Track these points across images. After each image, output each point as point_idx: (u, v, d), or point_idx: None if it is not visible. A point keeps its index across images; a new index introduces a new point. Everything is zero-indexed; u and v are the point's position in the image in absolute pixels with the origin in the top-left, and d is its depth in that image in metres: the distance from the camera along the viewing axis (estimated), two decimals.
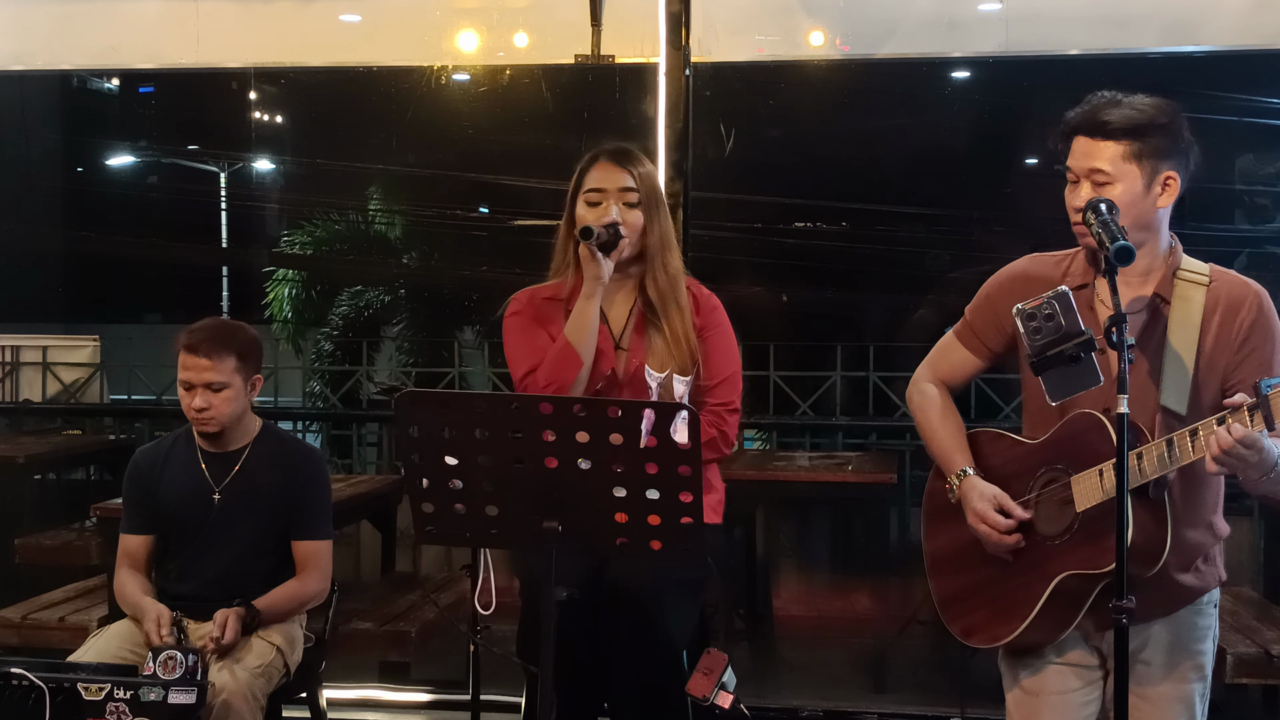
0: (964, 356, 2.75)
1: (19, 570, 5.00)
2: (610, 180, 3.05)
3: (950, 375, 2.78)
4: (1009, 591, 2.55)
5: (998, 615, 2.58)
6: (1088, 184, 2.50)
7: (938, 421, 2.73)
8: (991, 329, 2.70)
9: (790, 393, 6.04)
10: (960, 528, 2.64)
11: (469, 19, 5.04)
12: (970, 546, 2.63)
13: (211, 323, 3.35)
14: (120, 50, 5.30)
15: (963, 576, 2.66)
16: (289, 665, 3.25)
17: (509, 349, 3.10)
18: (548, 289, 3.13)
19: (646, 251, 3.06)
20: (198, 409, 3.26)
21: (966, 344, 2.75)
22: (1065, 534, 2.48)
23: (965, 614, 2.66)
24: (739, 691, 2.75)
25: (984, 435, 2.72)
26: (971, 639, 2.65)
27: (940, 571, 2.73)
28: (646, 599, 2.86)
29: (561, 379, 2.93)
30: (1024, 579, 2.53)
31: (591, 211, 3.04)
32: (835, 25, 4.88)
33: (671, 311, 3.05)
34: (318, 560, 3.34)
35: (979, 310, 2.73)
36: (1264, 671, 3.85)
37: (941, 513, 2.71)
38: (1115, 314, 2.27)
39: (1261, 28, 4.56)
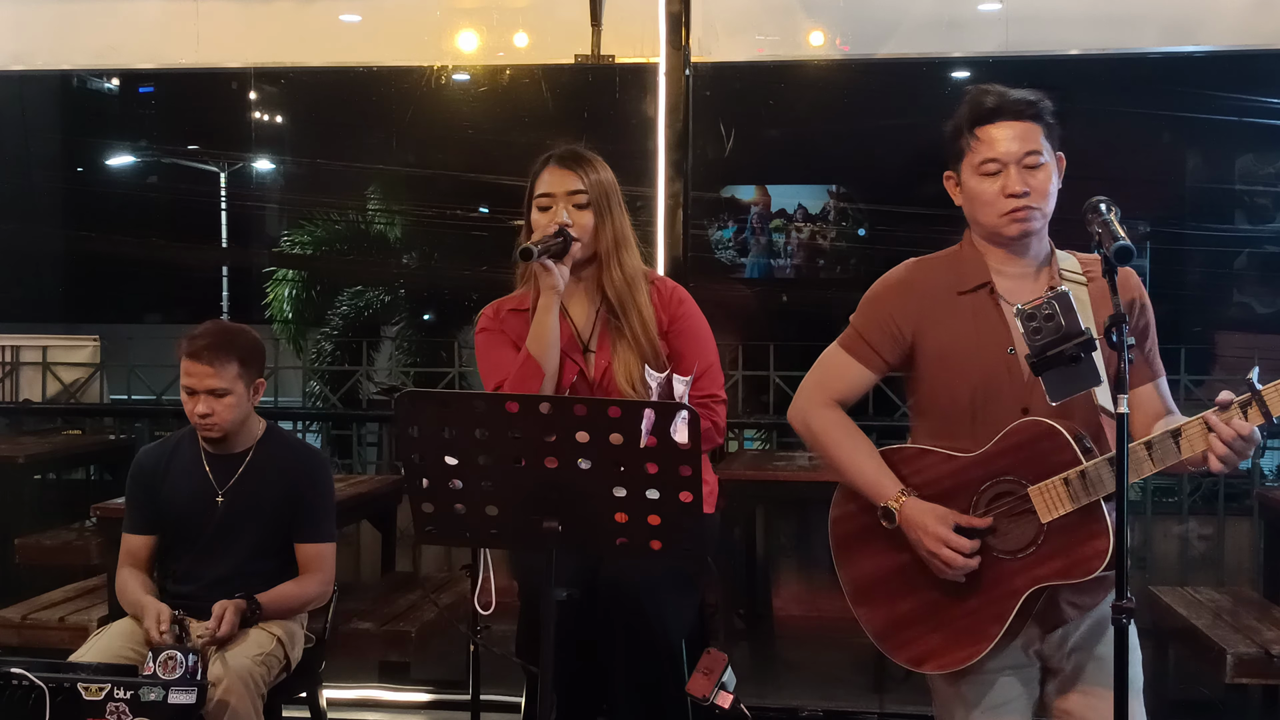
0: (859, 372, 2.65)
1: (19, 570, 5.00)
2: (558, 184, 3.05)
3: (845, 393, 2.67)
4: (967, 613, 2.48)
5: (956, 639, 2.50)
6: (1015, 169, 2.48)
7: (849, 446, 2.61)
8: (887, 340, 2.61)
9: (790, 393, 6.02)
10: (889, 551, 2.56)
11: (469, 19, 5.05)
12: (902, 571, 2.55)
13: (213, 327, 3.34)
14: (120, 50, 5.31)
15: (900, 603, 2.56)
16: (289, 658, 3.25)
17: (479, 365, 3.11)
18: (512, 300, 3.14)
19: (600, 252, 3.05)
20: (201, 415, 3.26)
21: (860, 358, 2.64)
22: (1029, 547, 2.43)
23: (911, 641, 2.55)
24: (739, 691, 2.74)
25: (902, 453, 2.59)
26: (925, 666, 2.55)
27: (870, 600, 2.60)
28: (639, 594, 2.86)
29: (526, 391, 2.92)
30: (983, 598, 2.47)
31: (544, 216, 3.04)
32: (835, 25, 4.88)
33: (630, 311, 3.03)
34: (320, 562, 3.34)
35: (871, 322, 2.63)
36: (1264, 671, 3.85)
37: (860, 537, 2.62)
38: (1115, 314, 2.25)
39: (1261, 28, 4.57)
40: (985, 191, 2.51)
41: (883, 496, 2.54)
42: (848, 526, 2.65)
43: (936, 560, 2.47)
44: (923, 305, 2.59)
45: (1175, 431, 2.36)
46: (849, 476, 2.62)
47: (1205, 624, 4.14)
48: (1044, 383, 2.36)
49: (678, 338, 3.08)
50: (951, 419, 2.54)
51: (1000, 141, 2.49)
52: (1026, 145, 2.48)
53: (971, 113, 2.53)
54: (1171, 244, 9.71)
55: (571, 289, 3.07)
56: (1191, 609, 4.32)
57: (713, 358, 3.12)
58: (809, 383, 2.70)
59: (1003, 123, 2.49)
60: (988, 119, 2.50)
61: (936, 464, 2.53)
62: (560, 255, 2.95)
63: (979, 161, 2.51)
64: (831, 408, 2.66)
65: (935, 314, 2.58)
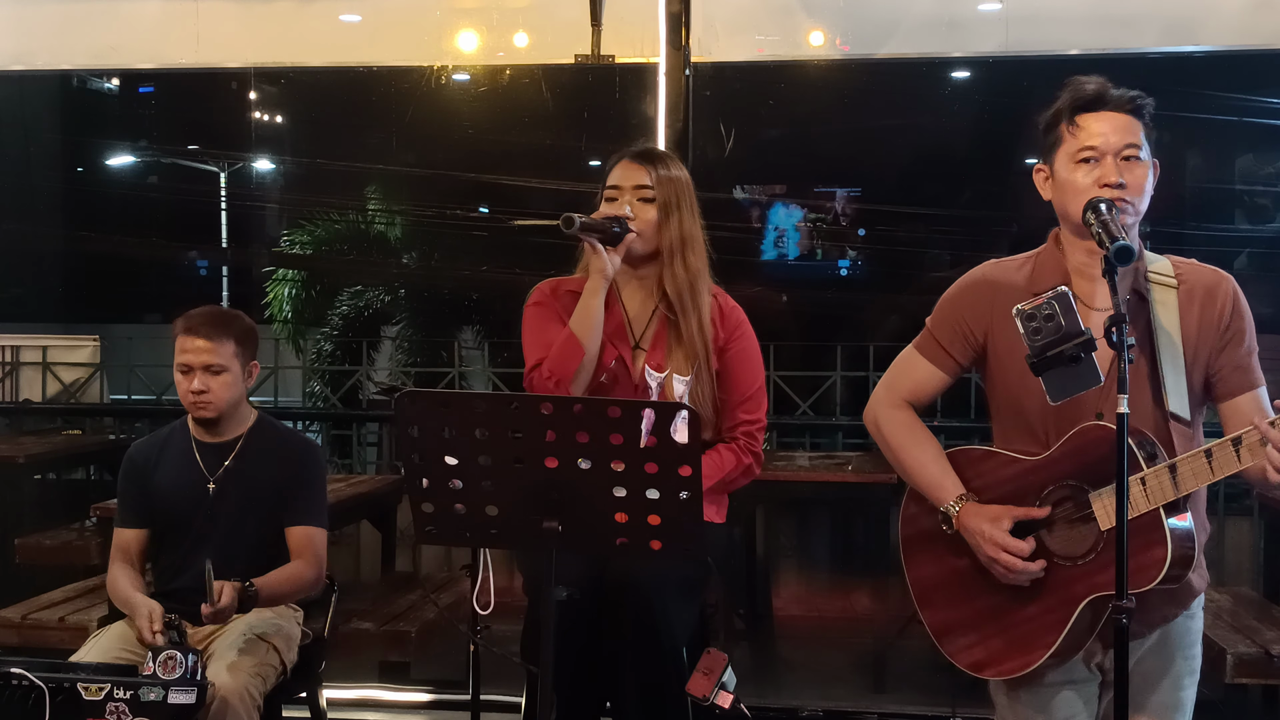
0: (930, 372, 2.62)
1: (19, 570, 5.00)
2: (627, 178, 3.07)
3: (915, 394, 2.64)
4: (1025, 619, 2.45)
5: (1014, 645, 2.46)
6: (1113, 160, 2.41)
7: (915, 447, 2.58)
8: (959, 341, 2.58)
9: (790, 393, 6.03)
10: (949, 555, 2.54)
11: (469, 19, 5.05)
12: (966, 574, 2.52)
13: (210, 307, 3.36)
14: (120, 50, 5.30)
15: (961, 607, 2.54)
16: (285, 664, 3.24)
17: (524, 339, 3.10)
18: (571, 282, 3.14)
19: (662, 249, 3.06)
20: (195, 391, 3.24)
21: (932, 359, 2.61)
22: (1089, 554, 2.39)
23: (972, 646, 2.52)
24: (739, 691, 2.74)
25: (968, 454, 2.56)
26: (984, 672, 2.51)
27: (932, 603, 2.58)
28: (647, 598, 2.86)
29: (564, 369, 2.93)
30: (1041, 605, 2.43)
31: (608, 208, 3.06)
32: (835, 25, 4.88)
33: (689, 311, 3.04)
34: (312, 547, 3.32)
35: (943, 322, 2.60)
36: (1264, 671, 3.85)
37: (925, 539, 2.59)
38: (1115, 314, 2.24)
39: (1261, 28, 4.56)
40: (1080, 181, 2.42)
41: (942, 500, 2.51)
42: (914, 528, 2.62)
43: (997, 566, 2.43)
44: (995, 306, 2.53)
45: (1237, 439, 2.30)
46: (913, 478, 2.58)
47: (1205, 624, 4.12)
48: (1044, 383, 2.34)
49: (732, 358, 3.09)
50: (1024, 422, 2.50)
51: (1100, 131, 2.41)
52: (1126, 138, 2.41)
53: (1073, 100, 2.45)
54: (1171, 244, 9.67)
55: (632, 283, 3.09)
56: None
57: (761, 382, 3.14)
58: (881, 384, 2.68)
59: (1105, 113, 2.42)
60: (1089, 107, 2.43)
61: (1000, 467, 2.50)
62: (613, 242, 2.96)
63: (1076, 150, 2.43)
64: (901, 408, 2.63)
65: (1007, 315, 2.46)
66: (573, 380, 2.93)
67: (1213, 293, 2.47)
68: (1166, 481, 2.32)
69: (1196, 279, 2.48)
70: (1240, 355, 2.46)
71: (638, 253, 3.03)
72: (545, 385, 2.94)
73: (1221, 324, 2.46)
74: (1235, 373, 2.46)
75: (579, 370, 2.94)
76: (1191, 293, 2.45)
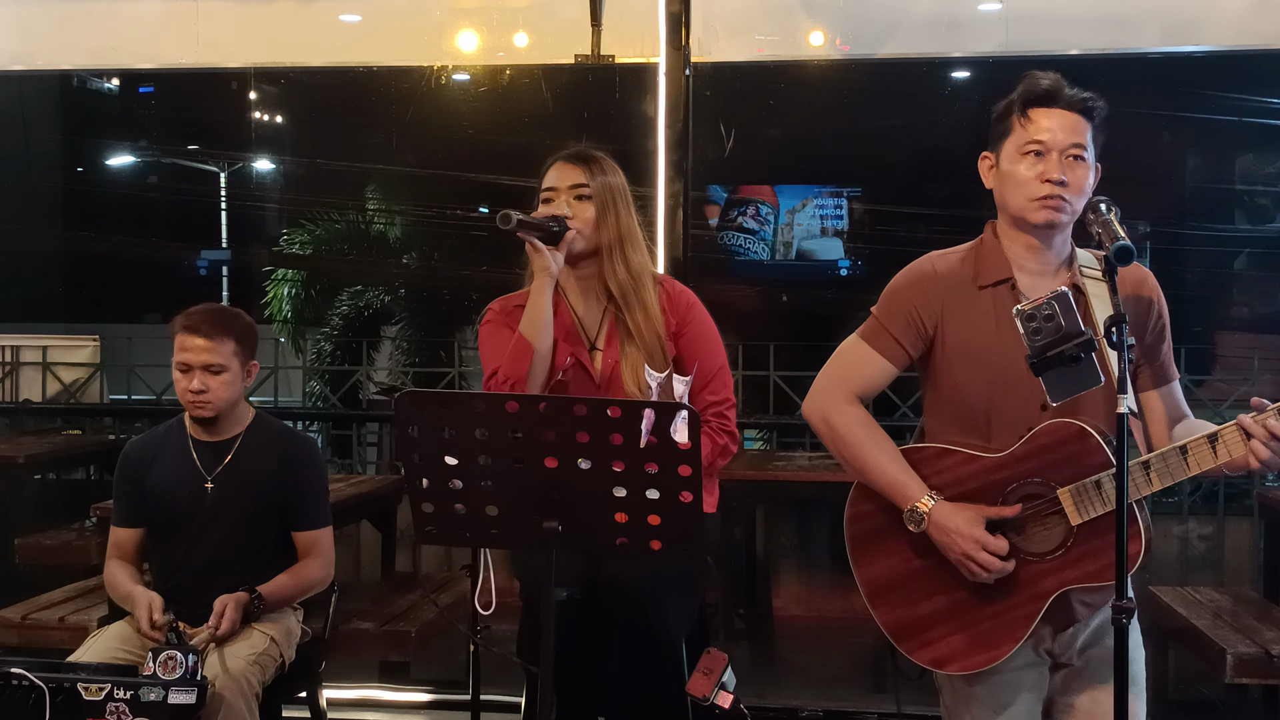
0: (881, 365, 2.57)
1: (19, 570, 5.00)
2: (562, 178, 3.06)
3: (866, 387, 2.59)
4: (991, 615, 2.47)
5: (981, 640, 2.48)
6: (1057, 157, 2.44)
7: (873, 445, 2.53)
8: (910, 331, 2.55)
9: (790, 393, 6.03)
10: (903, 553, 2.54)
11: (469, 19, 5.05)
12: (923, 572, 2.52)
13: (210, 306, 3.34)
14: (120, 50, 5.31)
15: (919, 605, 2.53)
16: (284, 657, 3.23)
17: (481, 354, 3.12)
18: (519, 297, 3.13)
19: (601, 247, 3.05)
20: (194, 391, 3.23)
21: (883, 350, 2.57)
22: (1059, 549, 2.42)
23: (933, 642, 2.52)
24: (739, 691, 2.74)
25: (922, 453, 2.53)
26: (947, 667, 2.53)
27: (886, 601, 2.57)
28: (643, 595, 2.86)
29: (517, 371, 2.92)
30: (1008, 601, 2.45)
31: (546, 208, 3.05)
32: (835, 25, 4.88)
33: (634, 307, 3.03)
34: (319, 548, 3.33)
35: (894, 313, 2.57)
36: (1264, 671, 3.85)
37: (875, 538, 2.57)
38: (1115, 314, 2.25)
39: (1261, 28, 4.57)
40: (1022, 174, 2.46)
41: (908, 499, 2.48)
42: (865, 525, 2.59)
43: (971, 564, 2.43)
44: (945, 297, 2.55)
45: (1213, 436, 2.35)
46: (871, 477, 2.54)
47: (1205, 624, 4.14)
48: (1044, 383, 2.35)
49: (687, 341, 3.07)
50: (967, 414, 2.51)
51: (1049, 127, 2.45)
52: (1073, 137, 2.44)
53: (1025, 93, 2.49)
54: (1171, 244, 9.71)
55: (577, 284, 3.08)
56: (1191, 609, 4.32)
57: (722, 360, 3.12)
58: (826, 377, 2.61)
59: (1056, 110, 2.45)
60: (1041, 102, 2.46)
61: (960, 464, 2.49)
62: (553, 241, 2.95)
63: (1023, 142, 2.46)
64: (853, 404, 2.58)
65: (956, 306, 2.54)
66: (527, 380, 2.91)
67: (1139, 286, 2.52)
68: (1140, 476, 2.38)
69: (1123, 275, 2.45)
70: (1164, 349, 2.54)
71: (578, 250, 3.01)
72: (501, 390, 2.92)
73: (1151, 317, 2.52)
74: (1159, 366, 2.54)
75: (531, 369, 2.91)
76: (1120, 285, 2.43)
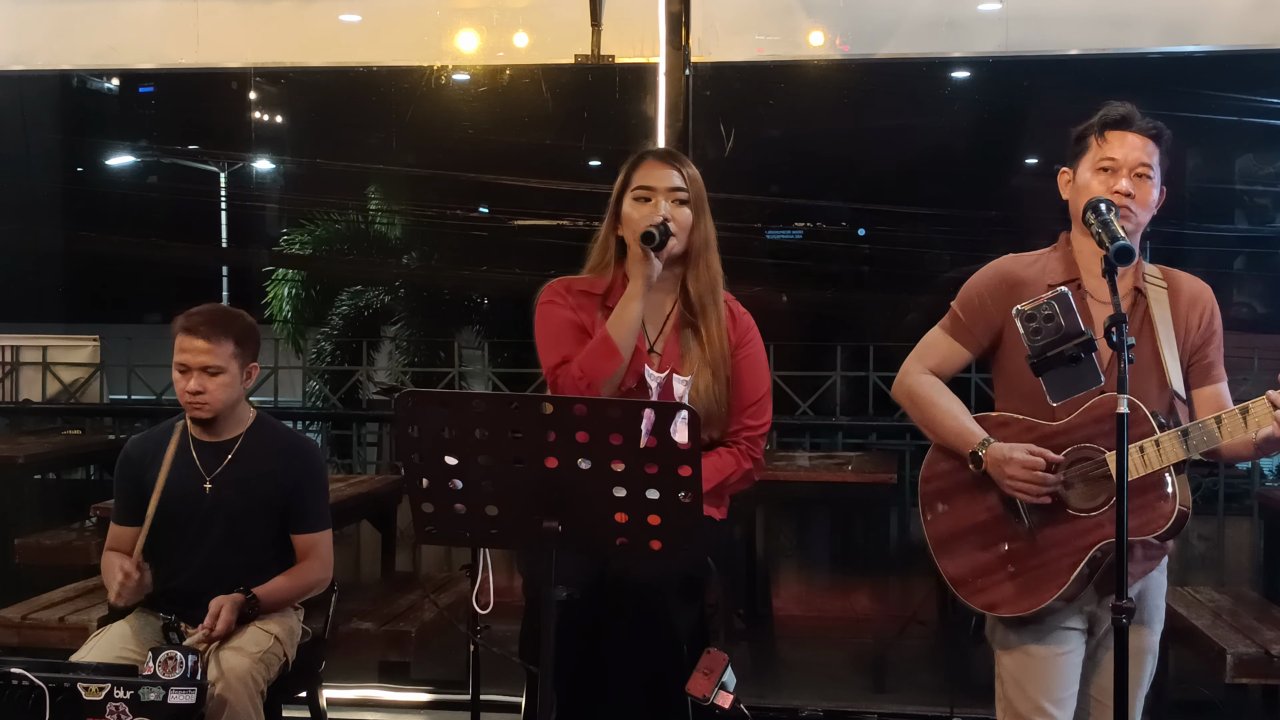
0: (954, 349, 2.86)
1: (19, 570, 5.00)
2: (659, 179, 3.04)
3: (940, 367, 2.89)
4: (1040, 564, 2.69)
5: (1026, 586, 2.70)
6: (1127, 173, 2.70)
7: (942, 402, 2.83)
8: (981, 323, 2.82)
9: (790, 393, 6.04)
10: (970, 506, 2.78)
11: (469, 19, 5.04)
12: (986, 524, 2.76)
13: (210, 307, 3.32)
14: (120, 50, 5.30)
15: (979, 555, 2.77)
16: (288, 656, 3.23)
17: (541, 336, 3.07)
18: (584, 282, 3.12)
19: (691, 250, 3.05)
20: (192, 392, 3.21)
21: (958, 337, 2.86)
22: (1103, 506, 2.62)
23: (987, 588, 2.76)
24: (739, 691, 2.75)
25: (988, 420, 2.80)
26: (997, 610, 2.76)
27: (951, 551, 2.81)
28: (647, 598, 2.86)
29: (598, 372, 2.90)
30: (1055, 551, 2.67)
31: (640, 208, 3.02)
32: (835, 25, 4.88)
33: (710, 312, 3.04)
34: (317, 550, 3.32)
35: (969, 306, 2.85)
36: (1264, 671, 3.85)
37: (946, 494, 2.83)
38: (1115, 314, 2.29)
39: (1261, 28, 4.56)
40: (1095, 186, 2.71)
41: (969, 445, 2.76)
42: (936, 484, 2.86)
43: (1021, 485, 2.66)
44: (1014, 295, 2.72)
45: (1244, 408, 2.55)
46: (941, 431, 2.82)
47: (1205, 624, 4.14)
48: (1044, 383, 2.39)
49: (741, 363, 3.08)
50: (1032, 403, 2.70)
51: (1120, 147, 2.72)
52: (1142, 157, 2.72)
53: (1104, 118, 2.77)
54: (1171, 244, 9.71)
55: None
56: (1191, 609, 4.32)
57: (767, 386, 3.15)
58: (909, 359, 2.93)
59: (1129, 133, 2.73)
60: (1117, 125, 2.74)
61: (1021, 431, 2.74)
62: (660, 247, 2.94)
63: (1099, 159, 2.73)
64: (927, 374, 2.89)
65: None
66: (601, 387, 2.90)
67: (1196, 299, 2.80)
68: (1179, 443, 2.57)
69: (1183, 285, 2.81)
70: (1212, 352, 2.80)
71: (672, 254, 3.02)
72: (575, 385, 2.91)
73: (1203, 325, 2.79)
74: (1208, 368, 2.79)
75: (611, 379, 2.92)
76: (1178, 295, 2.78)
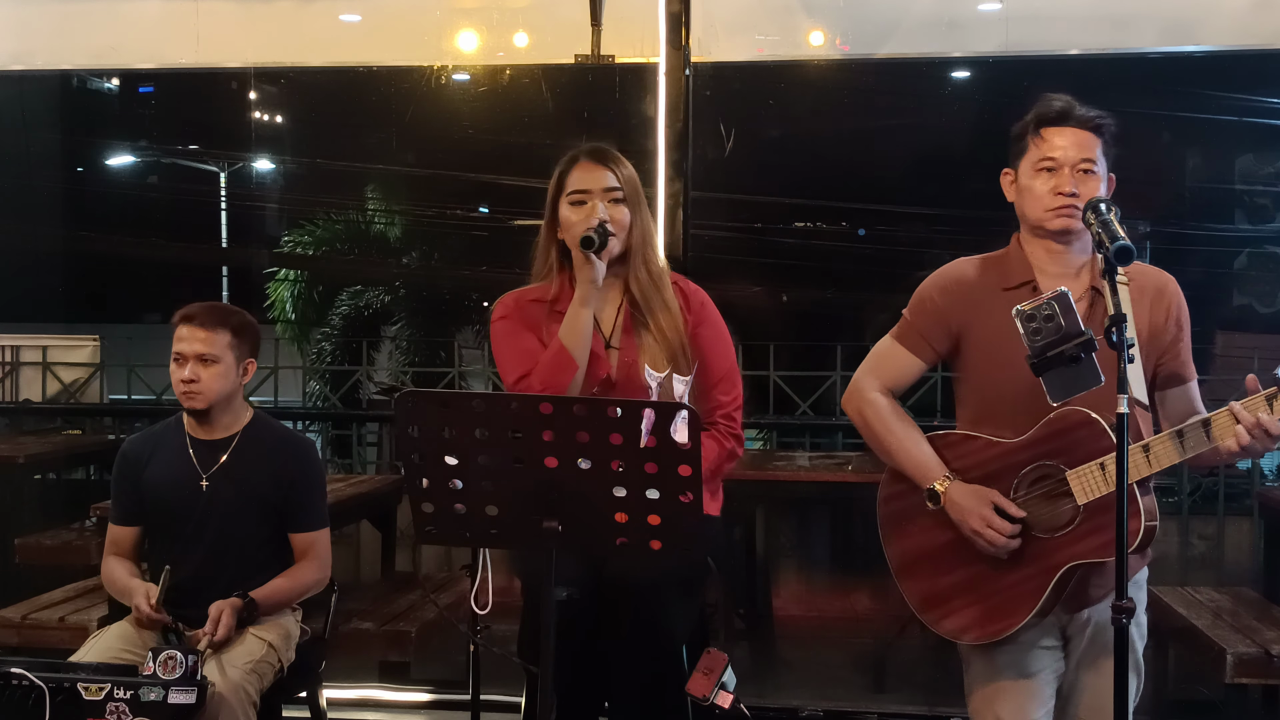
0: (910, 361, 2.78)
1: (19, 570, 5.00)
2: (594, 180, 3.03)
3: (896, 380, 2.80)
4: (1006, 588, 2.61)
5: (994, 611, 2.63)
6: (1069, 171, 2.63)
7: (899, 430, 2.74)
8: (939, 331, 2.75)
9: (790, 393, 6.04)
10: (930, 530, 2.70)
11: (469, 19, 5.04)
12: (946, 547, 2.68)
13: (210, 302, 3.35)
14: (120, 50, 5.30)
15: (943, 578, 2.70)
16: (282, 662, 3.22)
17: (498, 354, 3.07)
18: (533, 291, 3.11)
19: (630, 248, 3.04)
20: (185, 380, 3.22)
21: (912, 348, 2.77)
22: (1066, 527, 2.55)
23: (952, 613, 2.68)
24: (739, 691, 2.74)
25: (947, 439, 2.73)
26: (964, 637, 2.68)
27: (913, 575, 2.75)
28: (646, 597, 2.86)
29: (557, 383, 2.90)
30: (1021, 574, 2.59)
31: (577, 211, 3.01)
32: (835, 25, 4.88)
33: (657, 308, 3.02)
34: (315, 550, 3.32)
35: (922, 313, 2.77)
36: (1264, 671, 3.85)
37: (904, 517, 2.75)
38: (1115, 314, 2.29)
39: (1261, 28, 4.57)
40: (1037, 188, 2.67)
41: (928, 479, 2.68)
42: (895, 505, 2.78)
43: (980, 540, 2.60)
44: (970, 300, 2.73)
45: (1206, 421, 2.49)
46: (898, 459, 2.74)
47: (1205, 624, 4.13)
48: (1044, 383, 2.38)
49: (702, 340, 3.07)
50: (994, 408, 2.67)
51: (1060, 145, 2.65)
52: (1083, 153, 2.64)
53: (1039, 115, 2.69)
54: (1171, 244, 9.72)
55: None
56: (1191, 609, 4.32)
57: (732, 359, 3.14)
58: (861, 371, 2.83)
59: (1066, 128, 2.65)
60: (1053, 122, 2.67)
61: (981, 449, 2.66)
62: (600, 250, 2.93)
63: (1037, 159, 2.67)
64: (883, 394, 2.79)
65: (981, 309, 2.71)
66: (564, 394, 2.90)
67: (1161, 292, 2.69)
68: (1140, 458, 2.51)
69: (1146, 279, 2.69)
70: (1181, 350, 2.71)
71: (613, 255, 3.00)
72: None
73: (1169, 322, 2.69)
74: (1176, 366, 2.70)
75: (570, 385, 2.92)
76: (1142, 290, 2.66)
